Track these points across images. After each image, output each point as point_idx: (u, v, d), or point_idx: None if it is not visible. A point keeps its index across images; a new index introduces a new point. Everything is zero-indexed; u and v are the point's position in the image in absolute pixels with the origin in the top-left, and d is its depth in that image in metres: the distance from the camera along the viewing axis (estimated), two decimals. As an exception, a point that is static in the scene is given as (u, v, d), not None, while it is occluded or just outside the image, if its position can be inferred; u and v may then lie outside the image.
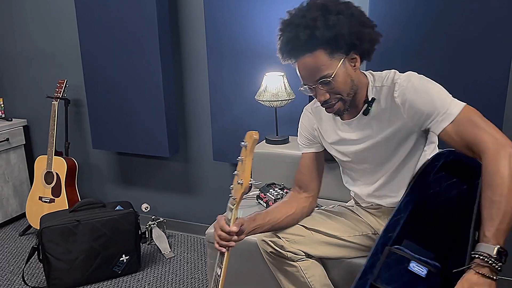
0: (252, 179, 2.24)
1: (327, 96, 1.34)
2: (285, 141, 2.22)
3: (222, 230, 1.32)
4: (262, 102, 2.15)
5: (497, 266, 1.06)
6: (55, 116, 2.80)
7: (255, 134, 1.22)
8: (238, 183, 1.23)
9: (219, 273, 1.32)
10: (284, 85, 2.13)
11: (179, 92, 2.71)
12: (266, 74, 2.16)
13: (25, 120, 3.22)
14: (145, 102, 2.62)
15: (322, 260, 1.61)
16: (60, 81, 2.86)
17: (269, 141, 2.23)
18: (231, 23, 2.32)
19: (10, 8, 3.03)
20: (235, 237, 1.33)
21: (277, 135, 2.25)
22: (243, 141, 1.24)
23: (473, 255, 1.09)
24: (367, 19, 1.34)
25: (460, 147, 1.25)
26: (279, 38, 1.35)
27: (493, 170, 1.12)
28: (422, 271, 1.25)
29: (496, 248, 1.06)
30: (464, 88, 1.97)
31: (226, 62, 2.38)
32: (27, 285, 2.38)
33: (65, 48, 2.94)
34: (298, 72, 1.37)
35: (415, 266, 1.26)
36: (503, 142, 1.16)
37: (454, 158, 1.33)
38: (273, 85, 2.12)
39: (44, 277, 2.39)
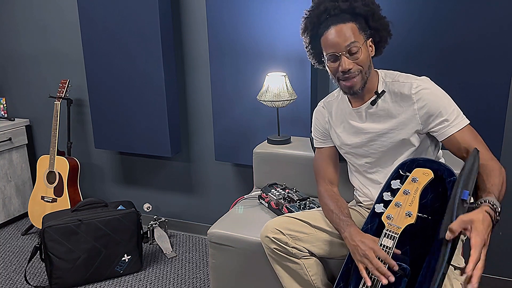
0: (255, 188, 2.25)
1: (352, 65, 1.44)
2: (287, 141, 2.22)
3: (383, 260, 1.27)
4: (264, 102, 2.16)
5: (496, 218, 1.15)
6: (57, 116, 2.81)
7: (429, 173, 1.31)
8: (406, 214, 1.29)
9: None
10: (286, 85, 2.13)
11: (181, 92, 2.72)
12: (268, 74, 2.17)
13: (28, 120, 3.23)
14: (147, 102, 2.62)
15: (322, 259, 1.62)
16: (62, 81, 2.87)
17: (270, 141, 2.23)
18: (233, 24, 2.32)
19: (12, 7, 3.04)
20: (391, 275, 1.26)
21: (279, 135, 2.25)
22: (410, 175, 1.32)
23: (483, 200, 1.18)
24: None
25: (460, 152, 1.42)
26: (312, 9, 1.50)
27: (493, 167, 1.31)
28: None
29: (500, 206, 1.17)
30: (466, 92, 1.97)
31: (228, 62, 2.39)
32: (29, 284, 2.39)
33: (68, 48, 2.94)
34: (323, 44, 1.47)
35: None
36: (494, 157, 1.37)
37: (417, 166, 1.38)
38: (275, 85, 2.12)
39: (46, 277, 2.40)
